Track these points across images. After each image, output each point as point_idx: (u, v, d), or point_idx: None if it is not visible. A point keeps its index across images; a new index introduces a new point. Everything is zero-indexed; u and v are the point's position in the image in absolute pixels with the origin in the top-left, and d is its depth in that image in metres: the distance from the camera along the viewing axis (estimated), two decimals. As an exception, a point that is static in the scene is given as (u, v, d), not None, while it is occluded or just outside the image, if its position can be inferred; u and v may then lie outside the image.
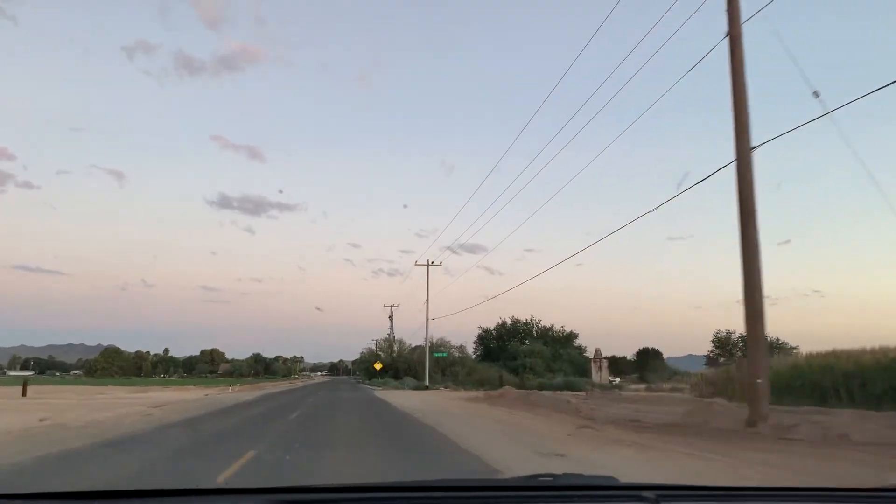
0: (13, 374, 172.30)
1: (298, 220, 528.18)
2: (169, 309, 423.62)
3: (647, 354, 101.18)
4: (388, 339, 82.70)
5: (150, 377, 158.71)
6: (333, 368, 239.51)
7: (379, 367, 69.40)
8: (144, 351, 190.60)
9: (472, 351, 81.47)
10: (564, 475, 2.46)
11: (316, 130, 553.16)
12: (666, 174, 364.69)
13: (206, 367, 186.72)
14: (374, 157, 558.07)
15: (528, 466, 8.97)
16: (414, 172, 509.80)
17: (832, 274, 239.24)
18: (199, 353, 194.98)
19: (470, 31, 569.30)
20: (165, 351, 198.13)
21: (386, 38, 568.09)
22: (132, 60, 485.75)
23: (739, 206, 13.02)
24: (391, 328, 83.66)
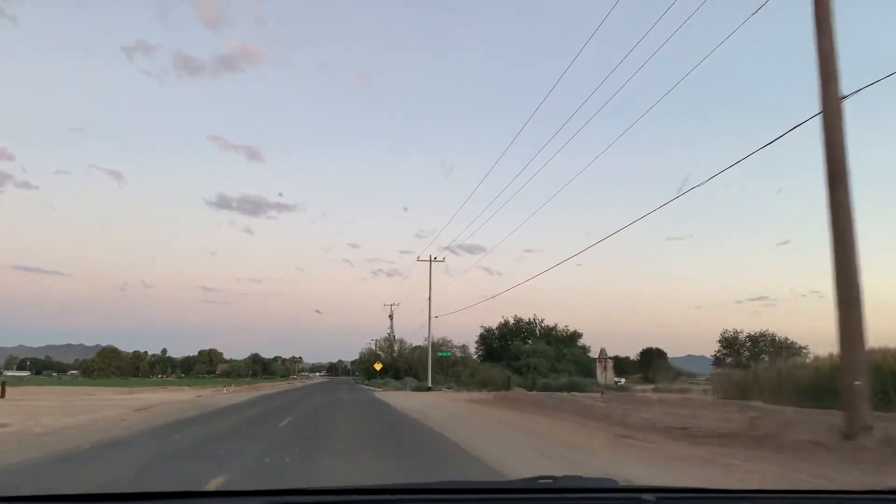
0: (10, 374, 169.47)
1: (297, 220, 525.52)
2: (168, 309, 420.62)
3: (650, 354, 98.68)
4: (388, 338, 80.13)
5: (147, 378, 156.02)
6: (332, 369, 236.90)
7: (379, 367, 66.74)
8: (142, 351, 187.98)
9: (473, 351, 79.04)
10: (564, 477, 2.46)
11: (315, 131, 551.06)
12: (665, 175, 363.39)
13: (204, 367, 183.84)
14: (373, 157, 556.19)
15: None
16: (413, 173, 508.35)
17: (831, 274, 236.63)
18: (197, 353, 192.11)
19: (469, 31, 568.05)
20: (163, 351, 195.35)
21: (385, 38, 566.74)
22: (132, 60, 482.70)
23: (827, 167, 10.55)
24: (391, 327, 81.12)
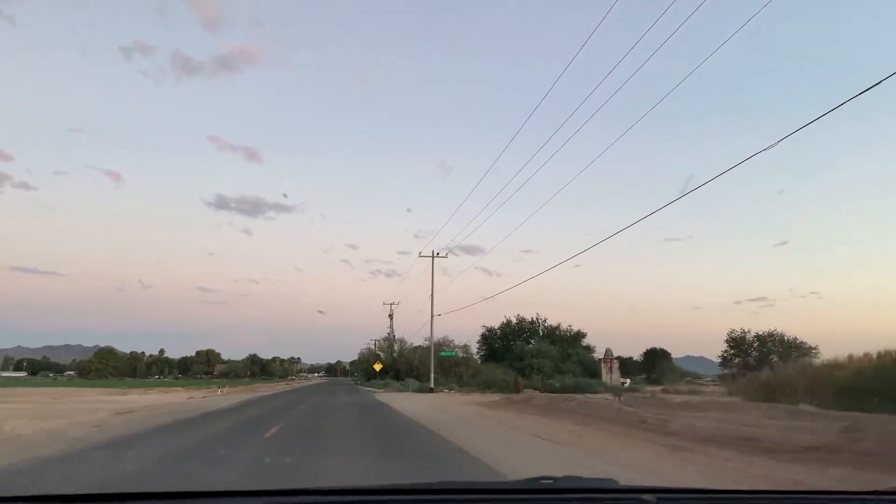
0: (6, 374, 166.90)
1: (296, 221, 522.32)
2: (166, 310, 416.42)
3: (654, 355, 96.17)
4: (387, 338, 77.52)
5: (144, 378, 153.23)
6: (331, 369, 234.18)
7: (379, 367, 64.18)
8: (139, 352, 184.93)
9: (475, 351, 76.53)
10: (565, 478, 2.44)
11: (314, 131, 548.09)
12: (664, 176, 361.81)
13: (201, 368, 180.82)
14: (372, 158, 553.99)
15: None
16: (412, 174, 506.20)
17: (830, 275, 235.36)
18: (194, 354, 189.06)
19: (469, 31, 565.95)
20: (161, 352, 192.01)
21: (384, 38, 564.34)
22: (130, 61, 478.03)
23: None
24: (391, 327, 78.56)
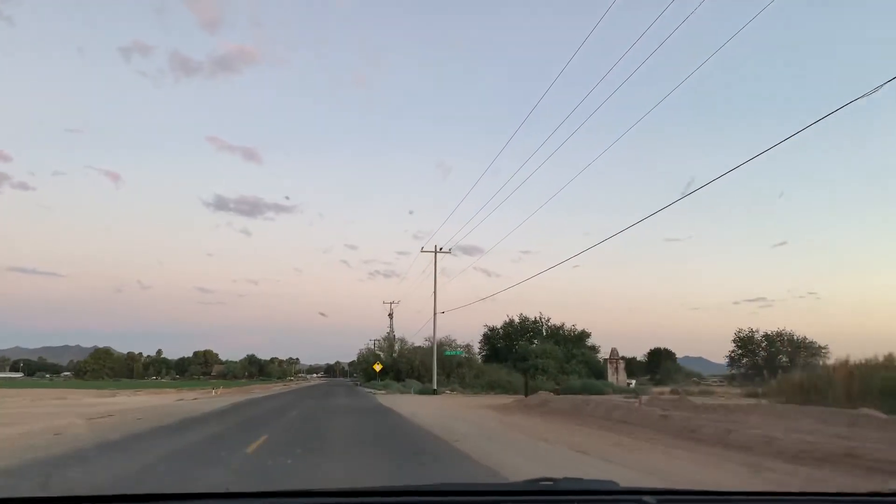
0: (2, 375, 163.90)
1: (295, 221, 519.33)
2: (165, 310, 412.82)
3: (659, 355, 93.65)
4: (387, 337, 74.91)
5: (141, 379, 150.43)
6: (330, 370, 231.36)
7: (379, 368, 61.59)
8: (136, 352, 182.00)
9: (477, 351, 73.97)
10: (565, 479, 2.40)
11: (313, 132, 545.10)
12: (661, 177, 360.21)
13: (199, 368, 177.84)
14: (371, 158, 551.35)
15: None
16: (411, 174, 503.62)
17: (829, 276, 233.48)
18: (192, 354, 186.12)
19: (468, 32, 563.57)
20: (158, 352, 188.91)
21: (383, 39, 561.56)
22: (128, 61, 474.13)
23: None
24: (391, 326, 75.97)
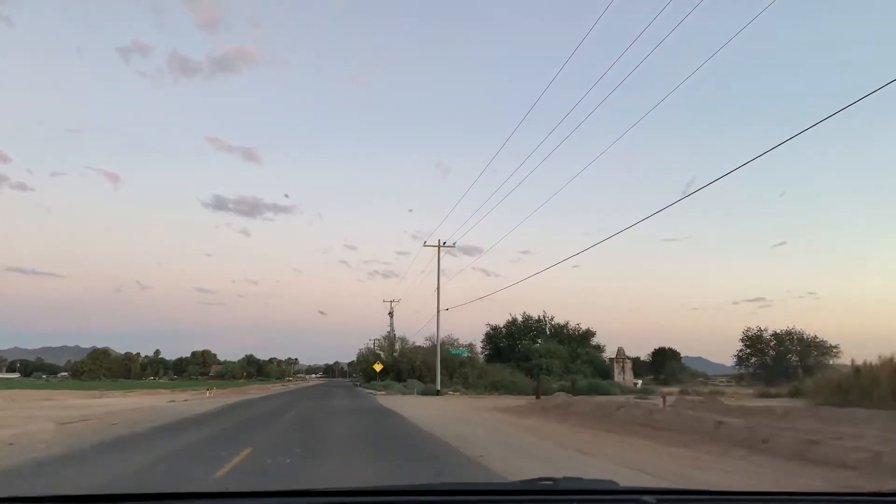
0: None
1: (294, 221, 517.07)
2: (164, 311, 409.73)
3: (663, 355, 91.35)
4: (388, 337, 72.48)
5: (138, 380, 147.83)
6: (329, 370, 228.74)
7: (379, 368, 59.20)
8: (134, 353, 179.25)
9: (479, 350, 71.54)
10: (565, 479, 2.38)
11: (312, 132, 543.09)
12: (659, 178, 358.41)
13: (197, 369, 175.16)
14: (370, 158, 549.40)
15: None
16: (410, 175, 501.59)
17: (828, 276, 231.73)
18: (190, 354, 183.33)
19: (468, 32, 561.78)
20: (156, 353, 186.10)
21: (381, 39, 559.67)
22: (128, 62, 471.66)
23: None
24: (391, 325, 73.58)
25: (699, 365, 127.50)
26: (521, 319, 74.13)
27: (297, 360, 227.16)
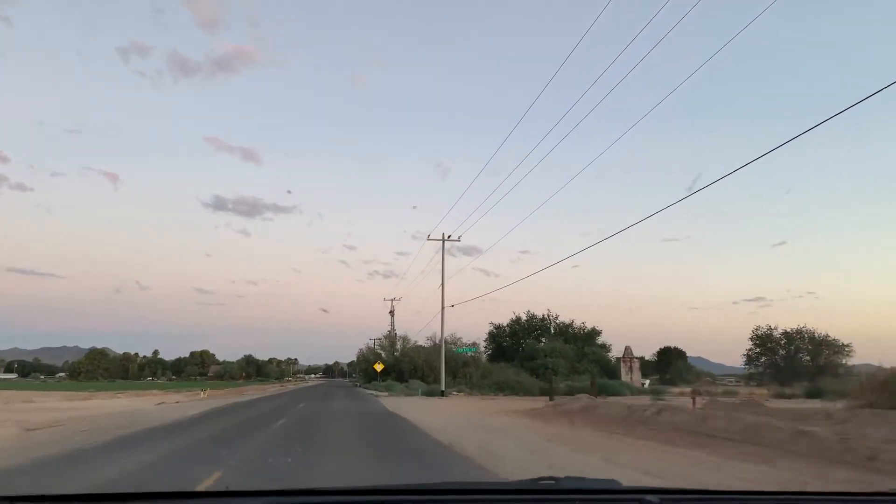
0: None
1: (293, 221, 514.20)
2: (164, 311, 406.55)
3: (669, 354, 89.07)
4: (389, 336, 70.06)
5: (136, 380, 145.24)
6: (328, 370, 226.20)
7: (380, 368, 56.84)
8: (132, 353, 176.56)
9: (482, 349, 69.12)
10: (567, 478, 2.35)
11: (311, 132, 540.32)
12: (662, 177, 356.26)
13: (195, 369, 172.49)
14: (370, 158, 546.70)
15: None
16: (410, 175, 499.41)
17: (827, 276, 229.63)
18: (188, 354, 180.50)
19: (467, 32, 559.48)
20: (155, 353, 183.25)
21: (382, 39, 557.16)
22: (127, 62, 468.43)
23: None
24: (392, 324, 71.21)
25: (700, 364, 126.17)
26: (525, 318, 71.85)
27: (296, 360, 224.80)
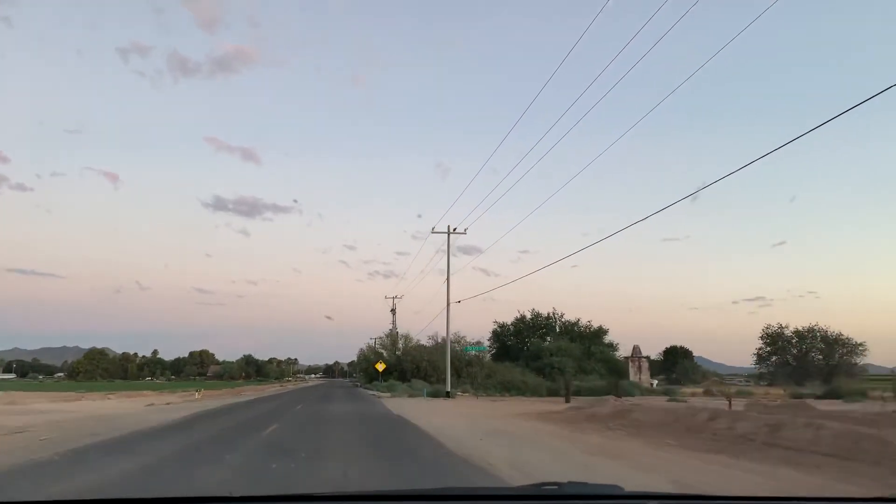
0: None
1: (293, 222, 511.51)
2: (164, 312, 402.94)
3: (675, 353, 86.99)
4: (390, 334, 67.94)
5: (135, 380, 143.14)
6: (329, 370, 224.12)
7: (382, 367, 54.77)
8: (131, 353, 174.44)
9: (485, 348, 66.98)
10: (570, 483, 2.32)
11: (311, 132, 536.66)
12: (661, 177, 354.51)
13: (194, 369, 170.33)
14: (370, 158, 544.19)
15: None
16: (410, 175, 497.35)
17: (828, 275, 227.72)
18: (188, 354, 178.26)
19: (467, 32, 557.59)
20: (154, 353, 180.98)
21: (380, 40, 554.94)
22: (127, 62, 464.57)
23: None
24: (394, 322, 69.13)
25: (701, 364, 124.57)
26: (529, 316, 69.77)
27: (296, 360, 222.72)
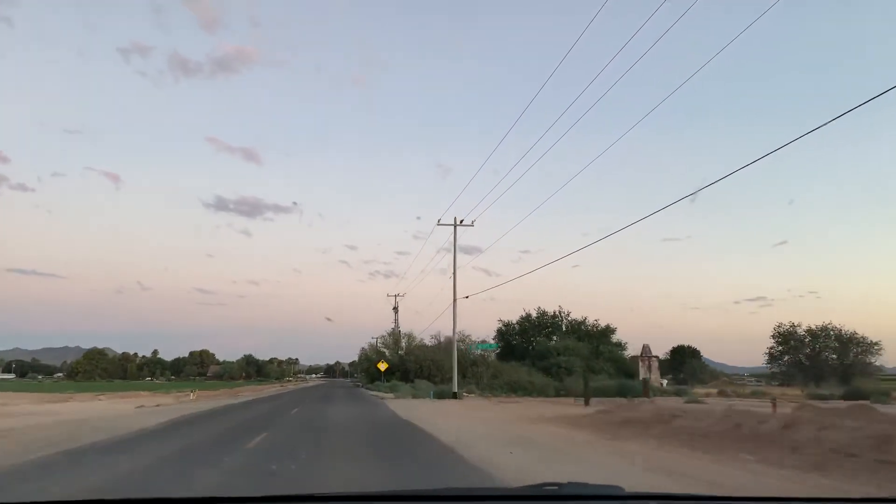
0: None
1: (294, 222, 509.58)
2: (165, 312, 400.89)
3: (683, 353, 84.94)
4: (392, 333, 65.89)
5: (134, 380, 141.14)
6: (330, 370, 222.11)
7: (384, 367, 52.71)
8: (131, 353, 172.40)
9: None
10: (570, 484, 2.30)
11: (312, 132, 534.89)
12: (661, 177, 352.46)
13: (194, 369, 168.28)
14: (371, 158, 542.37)
15: None
16: (411, 175, 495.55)
17: (828, 275, 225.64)
18: (188, 354, 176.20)
19: (467, 31, 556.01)
20: (154, 353, 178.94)
21: (380, 40, 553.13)
22: (128, 62, 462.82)
23: None
24: (396, 321, 67.07)
25: (703, 364, 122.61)
26: (535, 315, 67.67)
27: (297, 360, 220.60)
